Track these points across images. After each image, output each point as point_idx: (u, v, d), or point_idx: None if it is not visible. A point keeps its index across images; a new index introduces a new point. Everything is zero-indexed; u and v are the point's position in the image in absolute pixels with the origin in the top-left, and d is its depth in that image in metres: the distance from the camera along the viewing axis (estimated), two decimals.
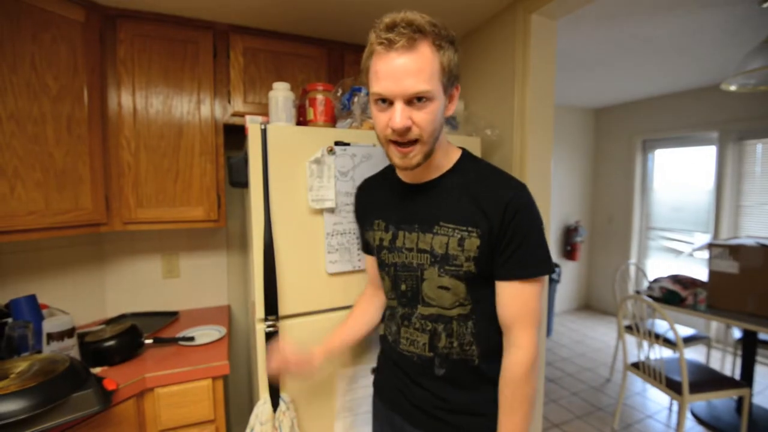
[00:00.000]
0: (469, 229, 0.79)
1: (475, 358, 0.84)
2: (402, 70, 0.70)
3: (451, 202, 0.83)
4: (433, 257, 0.83)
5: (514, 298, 0.80)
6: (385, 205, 0.96)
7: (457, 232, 0.80)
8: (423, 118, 0.74)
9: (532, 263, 0.78)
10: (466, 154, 0.90)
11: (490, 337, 0.85)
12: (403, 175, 0.91)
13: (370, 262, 1.09)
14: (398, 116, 0.73)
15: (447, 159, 0.87)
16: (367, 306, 1.11)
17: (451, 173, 0.86)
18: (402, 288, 0.90)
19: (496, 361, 0.84)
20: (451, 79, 0.77)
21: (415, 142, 0.76)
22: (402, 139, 0.76)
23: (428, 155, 0.80)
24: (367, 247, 1.08)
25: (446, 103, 0.79)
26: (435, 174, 0.86)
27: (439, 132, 0.79)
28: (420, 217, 0.86)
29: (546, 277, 0.82)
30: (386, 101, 0.75)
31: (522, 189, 0.80)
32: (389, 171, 0.99)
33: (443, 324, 0.85)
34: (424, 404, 0.89)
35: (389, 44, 0.70)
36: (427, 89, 0.71)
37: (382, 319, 1.04)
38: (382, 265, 0.96)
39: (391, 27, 0.70)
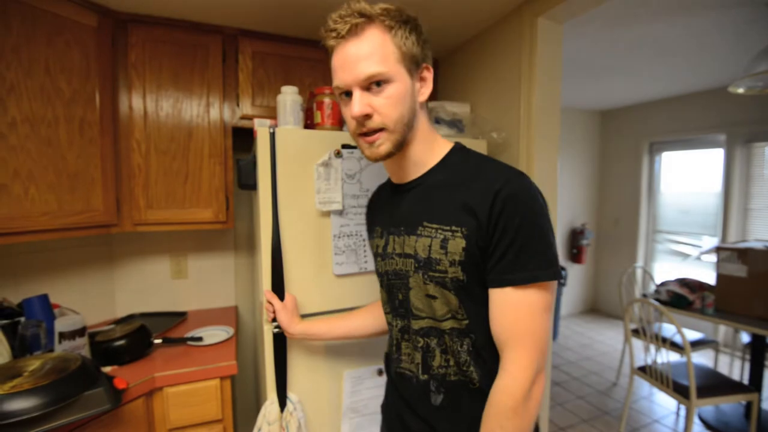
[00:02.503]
0: (453, 228, 0.69)
1: (476, 381, 0.72)
2: (353, 57, 0.68)
3: (436, 200, 0.74)
4: (416, 262, 0.74)
5: (505, 310, 0.67)
6: (381, 210, 0.91)
7: (440, 233, 0.71)
8: (383, 103, 0.69)
9: (528, 265, 0.64)
10: (457, 148, 0.80)
11: (494, 359, 0.71)
12: (392, 177, 0.86)
13: None
14: (355, 103, 0.69)
15: (432, 154, 0.79)
16: (366, 314, 1.07)
17: (436, 168, 0.78)
18: (399, 297, 0.81)
19: None
20: (414, 60, 0.72)
21: (380, 130, 0.71)
22: (365, 129, 0.71)
23: (400, 145, 0.73)
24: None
25: (417, 87, 0.74)
26: (420, 171, 0.79)
27: (409, 119, 0.72)
28: (405, 219, 0.79)
29: (553, 285, 0.67)
30: (349, 94, 0.71)
31: (517, 177, 0.68)
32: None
33: (436, 338, 0.75)
34: None
35: (337, 34, 0.68)
36: (381, 71, 0.67)
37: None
38: (378, 275, 0.90)
39: (337, 19, 0.69)
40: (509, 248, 0.65)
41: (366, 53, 0.67)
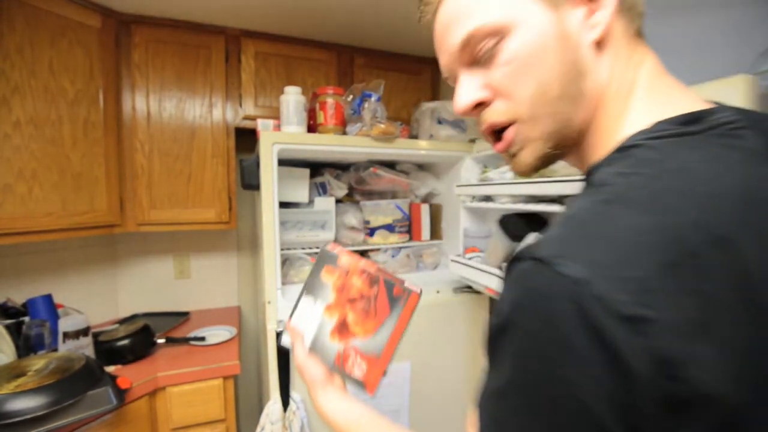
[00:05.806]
0: None
1: None
2: (443, 26, 0.42)
3: None
4: None
5: None
6: None
7: None
8: (502, 72, 0.38)
9: None
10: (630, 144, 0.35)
11: None
12: None
13: None
14: (456, 93, 0.42)
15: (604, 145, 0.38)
16: None
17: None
18: None
19: None
20: None
21: (512, 123, 0.40)
22: (486, 125, 0.42)
23: (552, 148, 0.40)
24: None
25: (577, 17, 0.37)
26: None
27: (561, 88, 0.37)
28: None
29: None
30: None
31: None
32: None
33: None
34: None
35: (427, 17, 0.44)
36: (481, 22, 0.37)
37: None
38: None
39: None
40: None
41: (455, 9, 0.40)
